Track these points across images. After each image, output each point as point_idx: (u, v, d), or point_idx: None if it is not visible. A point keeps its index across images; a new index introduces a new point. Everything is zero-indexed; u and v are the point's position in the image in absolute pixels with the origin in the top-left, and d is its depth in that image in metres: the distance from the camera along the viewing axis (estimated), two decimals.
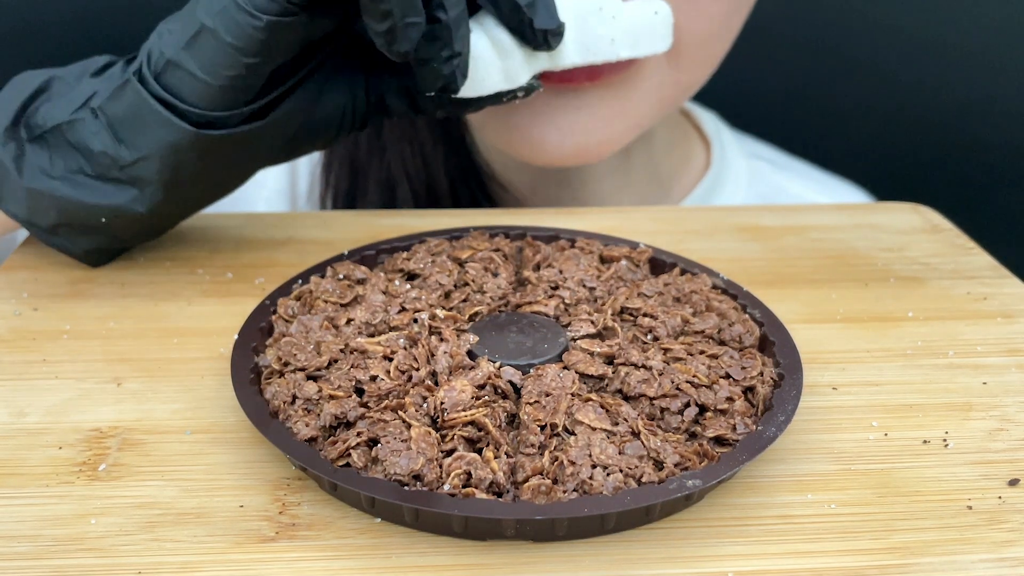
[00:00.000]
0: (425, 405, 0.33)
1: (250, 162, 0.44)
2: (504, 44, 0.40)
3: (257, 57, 0.38)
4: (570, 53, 0.42)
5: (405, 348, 0.35)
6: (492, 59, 0.40)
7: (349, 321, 0.38)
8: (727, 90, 0.71)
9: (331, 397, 0.33)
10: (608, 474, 0.30)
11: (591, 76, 0.50)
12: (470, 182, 0.64)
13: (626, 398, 0.34)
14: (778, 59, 0.79)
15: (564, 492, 0.30)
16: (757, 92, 0.79)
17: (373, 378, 0.34)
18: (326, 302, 0.39)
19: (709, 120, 0.70)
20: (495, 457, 0.31)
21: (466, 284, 0.40)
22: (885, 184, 0.73)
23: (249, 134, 0.41)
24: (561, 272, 0.41)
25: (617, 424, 0.32)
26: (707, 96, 0.70)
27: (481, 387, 0.33)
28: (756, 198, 0.67)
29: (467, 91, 0.41)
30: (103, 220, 0.42)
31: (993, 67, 0.77)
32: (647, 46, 0.42)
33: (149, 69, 0.40)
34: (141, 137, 0.40)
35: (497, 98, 0.43)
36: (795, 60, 0.79)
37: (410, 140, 0.62)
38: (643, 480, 0.30)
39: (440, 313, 0.38)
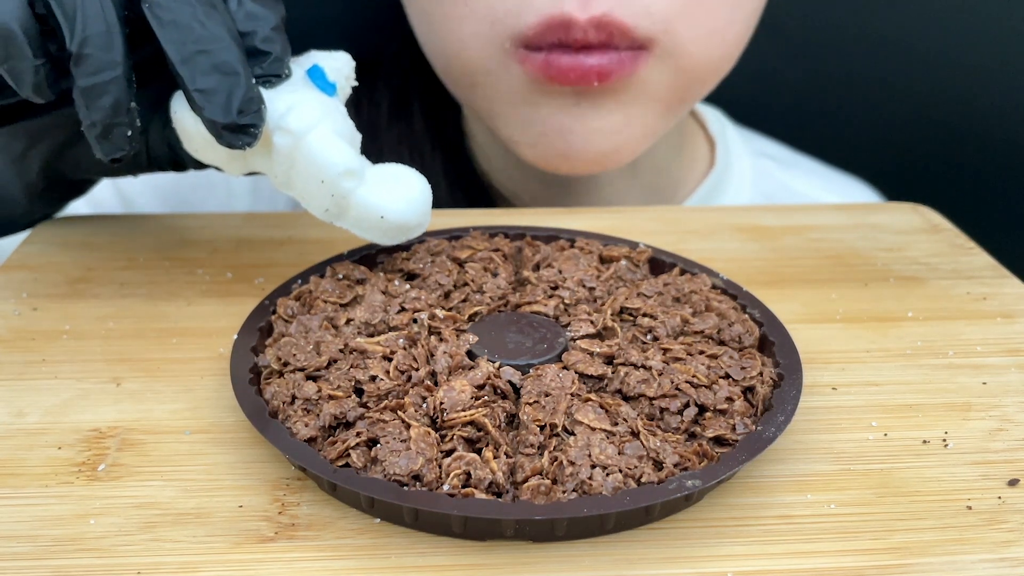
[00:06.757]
0: (424, 405, 0.33)
1: None
2: (204, 129, 0.37)
3: None
4: (283, 184, 0.38)
5: (404, 348, 0.35)
6: (197, 135, 0.38)
7: (349, 321, 0.37)
8: (732, 87, 0.71)
9: (330, 397, 0.33)
10: (608, 474, 0.30)
11: (601, 77, 0.49)
12: (468, 189, 0.63)
13: (625, 398, 0.34)
14: (779, 59, 0.79)
15: (564, 492, 0.30)
16: (758, 91, 0.79)
17: (372, 378, 0.34)
18: (326, 302, 0.39)
19: (714, 118, 0.69)
20: (494, 457, 0.31)
21: (465, 284, 0.40)
22: (886, 184, 0.73)
23: None
24: (561, 272, 0.41)
25: (616, 424, 0.32)
26: (713, 93, 0.70)
27: (481, 387, 0.33)
28: (760, 197, 0.66)
29: (191, 150, 0.39)
30: None
31: (994, 67, 0.77)
32: (371, 235, 0.39)
33: None
34: None
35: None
36: (796, 60, 0.79)
37: (408, 145, 0.62)
38: (643, 480, 0.30)
39: (440, 313, 0.38)
